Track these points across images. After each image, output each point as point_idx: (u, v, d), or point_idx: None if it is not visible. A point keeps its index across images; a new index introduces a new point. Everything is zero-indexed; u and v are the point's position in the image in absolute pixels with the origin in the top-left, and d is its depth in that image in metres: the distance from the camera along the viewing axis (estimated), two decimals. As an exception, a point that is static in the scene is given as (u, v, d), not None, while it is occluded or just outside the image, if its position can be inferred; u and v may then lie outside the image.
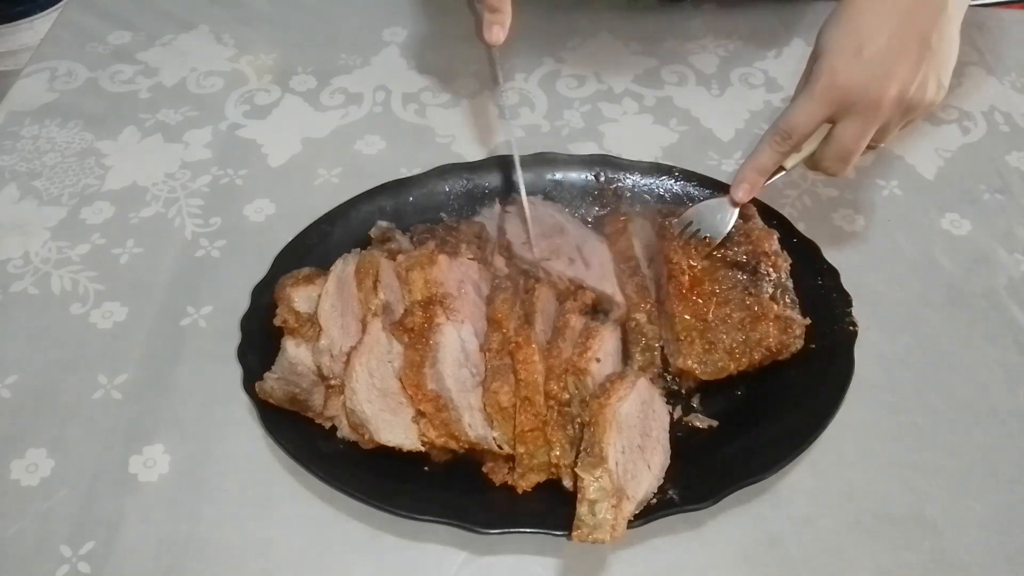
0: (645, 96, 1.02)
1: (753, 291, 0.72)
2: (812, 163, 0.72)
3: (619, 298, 0.75)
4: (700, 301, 0.72)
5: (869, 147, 0.69)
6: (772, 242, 0.75)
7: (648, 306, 0.73)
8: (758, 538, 0.65)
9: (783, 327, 0.70)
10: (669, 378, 0.72)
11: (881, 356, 0.75)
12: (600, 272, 0.76)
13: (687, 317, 0.71)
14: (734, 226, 0.75)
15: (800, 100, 0.67)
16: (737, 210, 0.74)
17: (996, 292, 0.81)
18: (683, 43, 1.09)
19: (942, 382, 0.74)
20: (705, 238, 0.74)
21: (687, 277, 0.72)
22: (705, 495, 0.62)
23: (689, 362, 0.69)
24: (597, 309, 0.75)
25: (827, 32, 0.67)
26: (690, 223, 0.75)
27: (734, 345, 0.70)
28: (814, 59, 0.68)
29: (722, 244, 0.75)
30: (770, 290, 0.72)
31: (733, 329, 0.70)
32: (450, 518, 0.62)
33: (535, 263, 0.77)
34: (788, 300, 0.72)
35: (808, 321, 0.71)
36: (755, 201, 0.79)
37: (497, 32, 0.73)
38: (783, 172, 0.72)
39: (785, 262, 0.74)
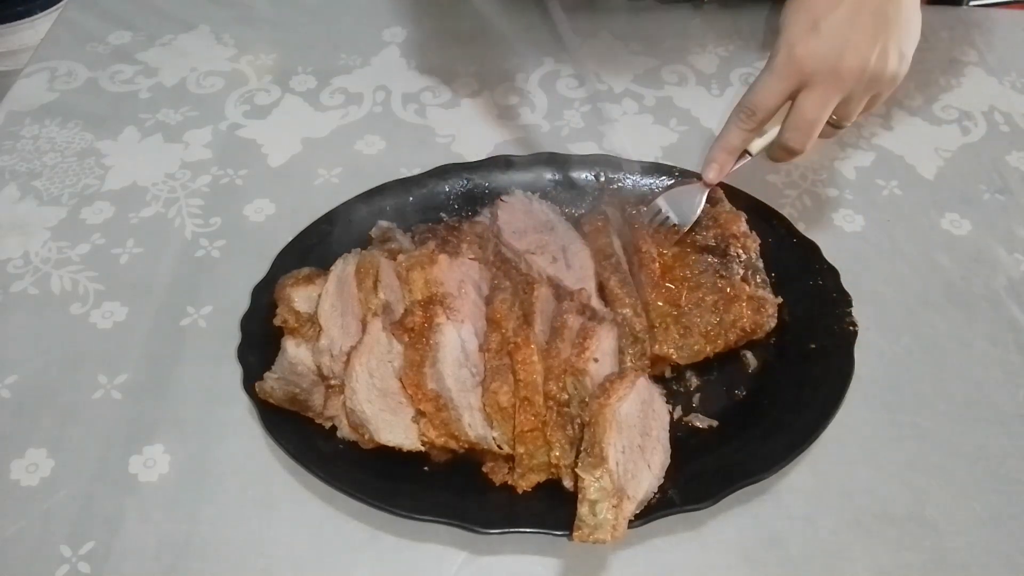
0: (645, 96, 1.02)
1: (724, 273, 0.73)
2: (775, 148, 0.72)
3: (595, 303, 0.75)
4: (672, 287, 0.73)
5: (835, 126, 0.70)
6: (740, 224, 0.76)
7: (633, 300, 0.74)
8: (758, 538, 0.65)
9: (756, 307, 0.71)
10: (668, 384, 0.72)
11: (881, 356, 0.75)
12: (579, 275, 0.76)
13: (660, 304, 0.72)
14: (702, 211, 0.76)
15: (761, 77, 0.69)
16: (705, 195, 0.76)
17: (996, 292, 0.81)
18: (683, 43, 1.09)
19: (942, 382, 0.74)
20: (674, 226, 0.76)
21: (658, 265, 0.74)
22: (705, 495, 0.62)
23: (665, 348, 0.70)
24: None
25: (785, 10, 0.68)
26: (658, 211, 0.77)
27: (709, 328, 0.71)
28: (774, 38, 0.69)
29: (691, 229, 0.76)
30: (741, 271, 0.73)
31: (707, 312, 0.71)
32: (450, 518, 0.62)
33: (520, 253, 0.77)
34: (759, 280, 0.74)
35: (780, 300, 0.73)
36: (752, 200, 0.79)
37: None
38: (749, 158, 0.73)
39: (754, 242, 0.76)
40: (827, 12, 0.66)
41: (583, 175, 0.86)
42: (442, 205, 0.85)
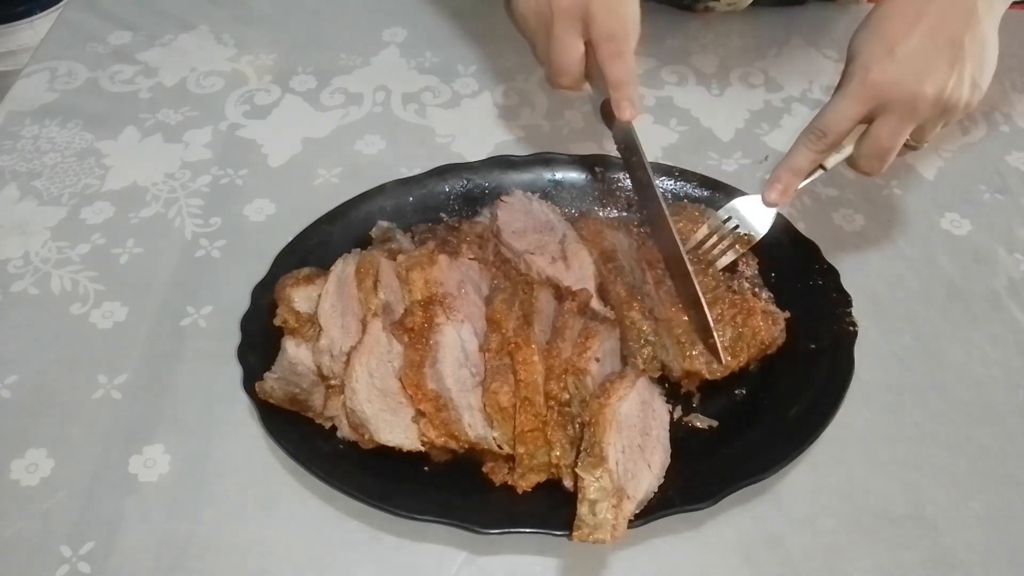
0: (645, 96, 1.02)
1: (736, 288, 0.73)
2: (850, 162, 0.72)
3: (595, 303, 0.75)
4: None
5: (909, 147, 0.70)
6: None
7: (638, 303, 0.73)
8: (758, 538, 0.65)
9: (771, 320, 0.71)
10: (668, 385, 0.72)
11: (881, 356, 0.75)
12: (579, 275, 0.76)
13: (684, 319, 0.71)
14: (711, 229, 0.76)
15: (835, 100, 0.68)
16: (775, 210, 0.74)
17: (996, 292, 0.81)
18: (683, 43, 1.09)
19: (942, 382, 0.74)
20: (745, 235, 0.75)
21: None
22: (705, 495, 0.62)
23: (696, 364, 0.69)
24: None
25: (858, 37, 0.67)
26: (728, 219, 0.75)
27: (732, 342, 0.70)
28: (847, 64, 0.68)
29: (697, 246, 0.76)
30: (747, 286, 0.74)
31: (728, 326, 0.71)
32: (450, 518, 0.62)
33: (519, 253, 0.77)
34: (766, 296, 0.74)
35: (788, 314, 0.72)
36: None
37: (628, 110, 0.73)
38: (822, 172, 0.72)
39: (754, 260, 0.77)
40: (903, 39, 0.65)
41: (583, 175, 0.86)
42: (442, 205, 0.85)
